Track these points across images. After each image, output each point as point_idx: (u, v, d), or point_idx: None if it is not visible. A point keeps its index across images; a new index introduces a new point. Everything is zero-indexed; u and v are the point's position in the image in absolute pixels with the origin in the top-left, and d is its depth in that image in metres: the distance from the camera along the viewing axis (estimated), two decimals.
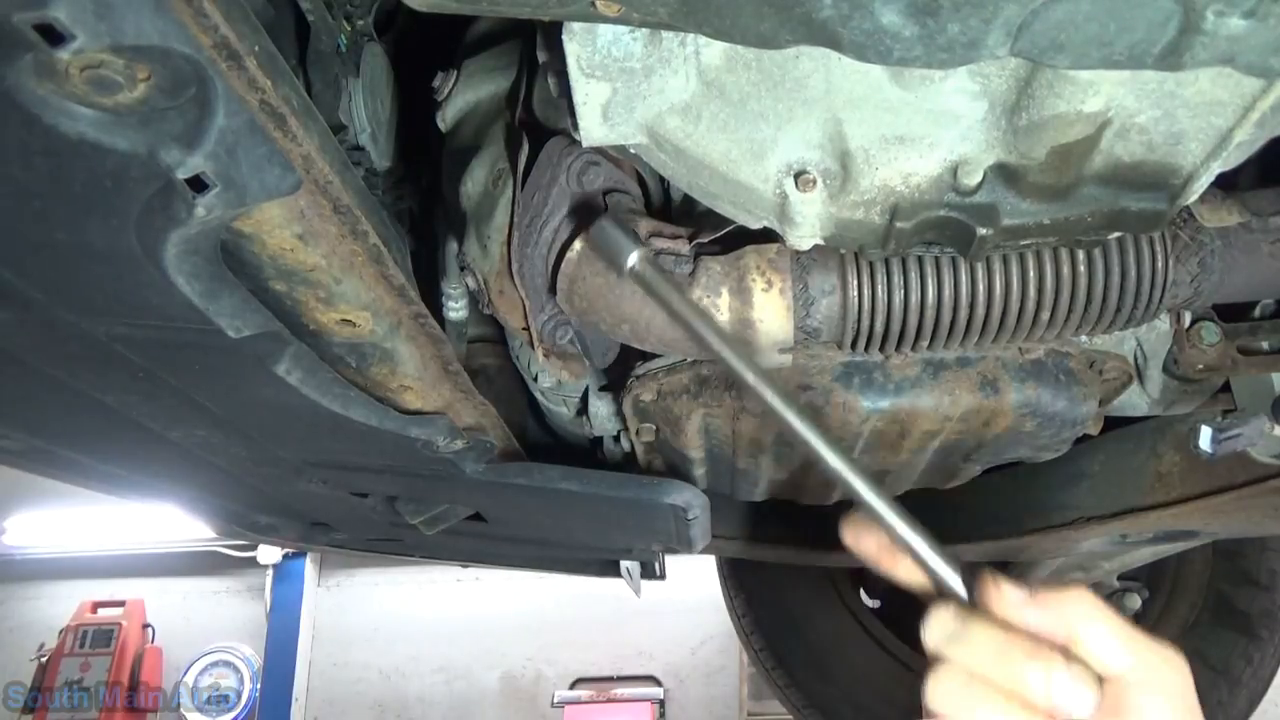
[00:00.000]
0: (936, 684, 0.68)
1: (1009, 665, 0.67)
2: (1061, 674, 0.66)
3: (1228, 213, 0.96)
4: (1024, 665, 0.66)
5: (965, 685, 0.67)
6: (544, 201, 0.95)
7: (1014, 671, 0.66)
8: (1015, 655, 0.67)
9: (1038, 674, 0.66)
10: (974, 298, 0.92)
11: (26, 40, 0.47)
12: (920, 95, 0.73)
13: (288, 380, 0.84)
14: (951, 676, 0.68)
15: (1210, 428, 1.11)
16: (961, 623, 0.70)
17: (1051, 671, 0.66)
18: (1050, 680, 0.66)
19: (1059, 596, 0.69)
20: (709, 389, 1.14)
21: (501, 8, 0.62)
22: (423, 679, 6.90)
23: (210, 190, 0.57)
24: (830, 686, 2.91)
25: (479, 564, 3.90)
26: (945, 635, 0.70)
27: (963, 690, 0.67)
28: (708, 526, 1.34)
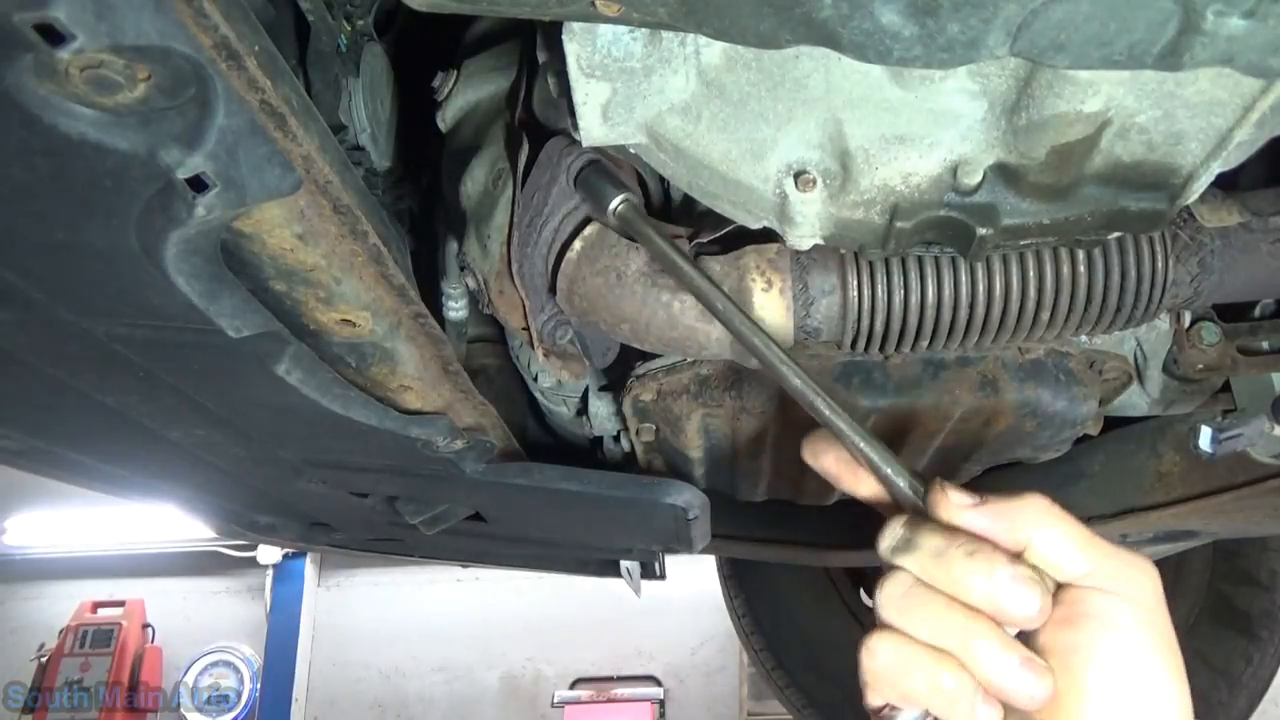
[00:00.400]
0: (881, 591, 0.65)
1: (950, 568, 0.63)
2: (1004, 572, 0.62)
3: (1228, 213, 0.96)
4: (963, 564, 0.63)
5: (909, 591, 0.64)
6: (544, 201, 0.95)
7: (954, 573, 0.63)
8: (955, 556, 0.63)
9: (978, 575, 0.62)
10: (974, 298, 0.92)
11: (26, 40, 0.47)
12: (920, 95, 0.73)
13: (288, 380, 0.85)
14: (897, 583, 0.65)
15: (1210, 428, 1.11)
16: (911, 529, 0.67)
17: (993, 572, 0.62)
18: (992, 581, 0.62)
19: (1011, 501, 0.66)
20: (709, 389, 1.14)
21: (501, 8, 0.62)
22: (423, 679, 6.90)
23: (210, 190, 0.57)
24: (830, 687, 2.91)
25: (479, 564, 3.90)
26: (893, 543, 0.67)
27: (906, 596, 0.64)
28: (708, 526, 1.34)
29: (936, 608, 0.63)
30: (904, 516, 0.69)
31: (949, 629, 0.62)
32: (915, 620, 0.63)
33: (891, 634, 0.64)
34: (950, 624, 0.62)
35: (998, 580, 0.62)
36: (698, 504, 1.27)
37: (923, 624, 0.63)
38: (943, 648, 0.62)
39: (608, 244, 0.94)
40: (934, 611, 0.63)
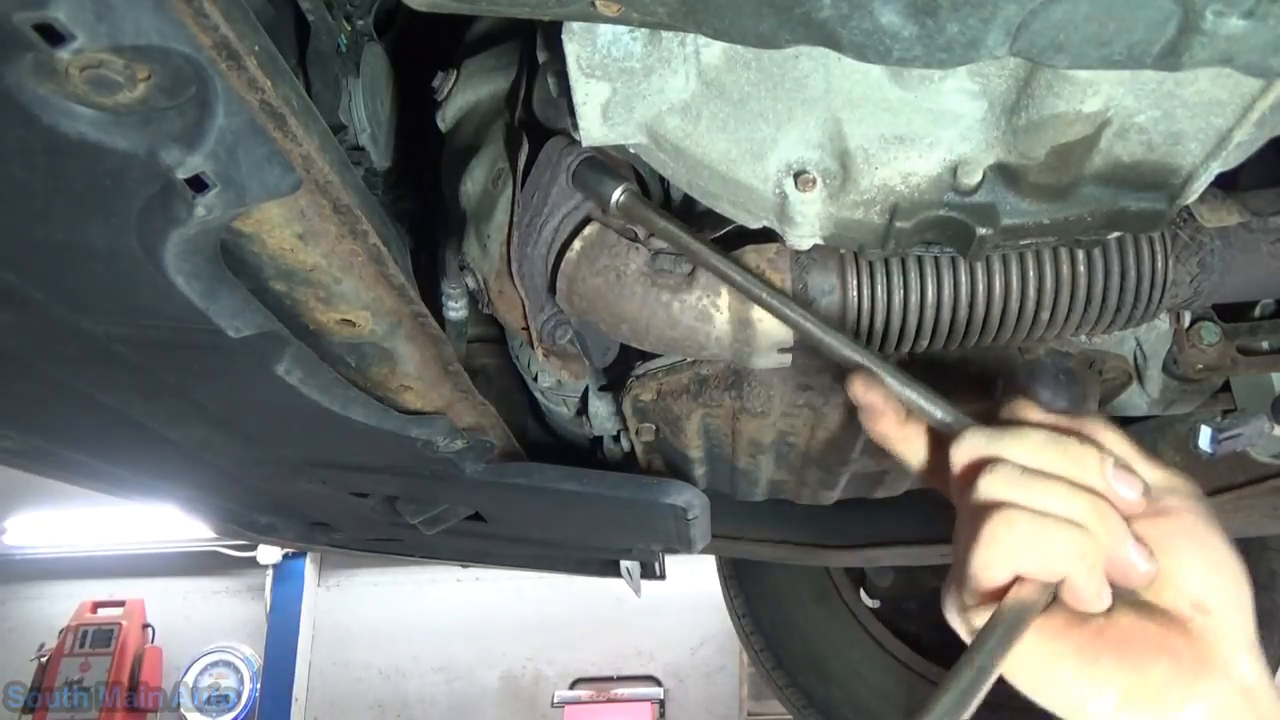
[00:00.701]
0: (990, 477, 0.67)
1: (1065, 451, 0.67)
2: (1111, 461, 0.67)
3: (1228, 213, 0.96)
4: (1080, 450, 0.67)
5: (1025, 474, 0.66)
6: (544, 201, 0.95)
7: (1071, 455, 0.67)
8: (1070, 443, 0.68)
9: (1092, 457, 0.67)
10: (973, 298, 0.92)
11: (26, 40, 0.47)
12: (920, 95, 0.73)
13: (288, 380, 0.85)
14: (1004, 470, 0.67)
15: (1210, 428, 1.11)
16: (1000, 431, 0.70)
17: (1105, 459, 0.67)
18: (1104, 466, 0.67)
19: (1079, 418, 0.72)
20: (709, 389, 1.14)
21: (501, 8, 0.62)
22: (423, 679, 6.90)
23: (210, 190, 0.57)
24: (830, 686, 2.91)
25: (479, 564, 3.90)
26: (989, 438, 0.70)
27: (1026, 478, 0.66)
28: (708, 526, 1.34)
29: (1064, 485, 0.66)
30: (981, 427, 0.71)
31: (1083, 504, 0.65)
32: (1047, 496, 0.65)
33: (1023, 509, 0.65)
34: (1082, 500, 0.65)
35: (1109, 466, 0.67)
36: (698, 504, 1.27)
37: (1056, 499, 0.65)
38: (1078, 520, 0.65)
39: (608, 244, 0.94)
40: (1063, 488, 0.66)
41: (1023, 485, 0.66)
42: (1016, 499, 0.66)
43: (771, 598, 2.99)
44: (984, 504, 0.67)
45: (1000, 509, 0.66)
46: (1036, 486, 0.66)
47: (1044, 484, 0.66)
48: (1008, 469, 0.67)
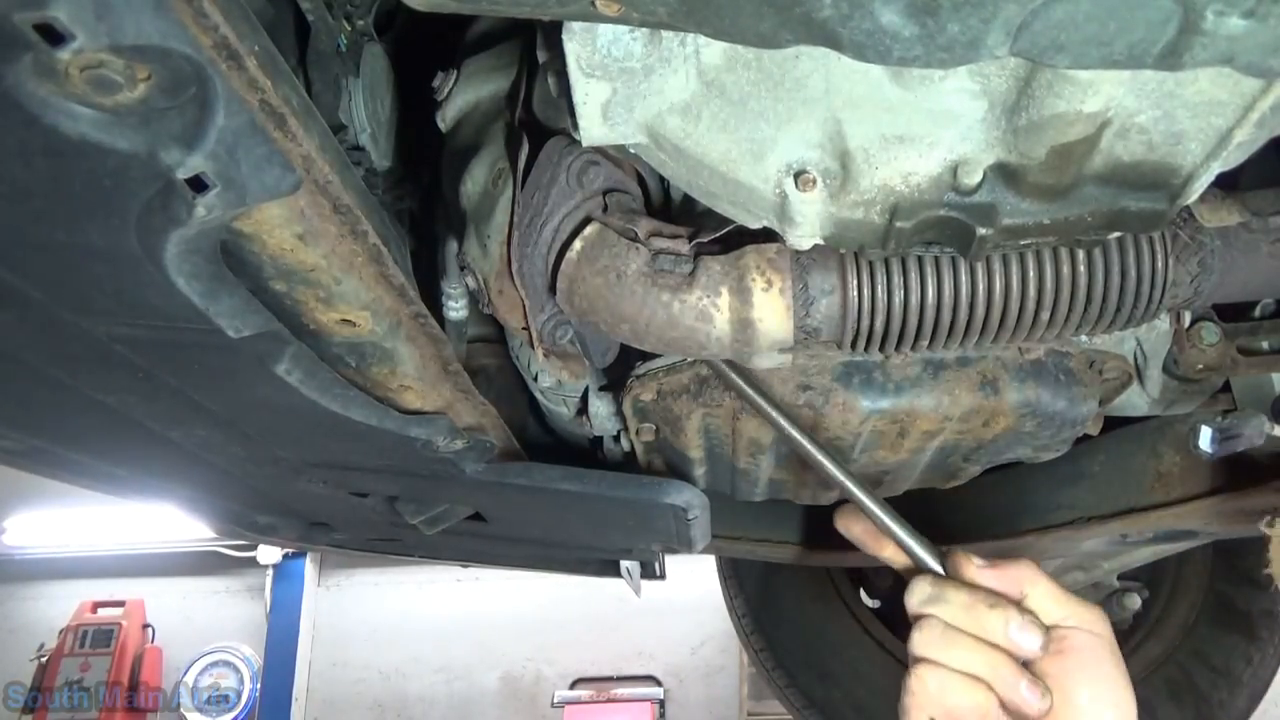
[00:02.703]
0: (920, 635, 0.86)
1: (976, 615, 0.85)
2: (1016, 619, 0.85)
3: (1228, 213, 0.96)
4: (987, 614, 0.85)
5: (943, 634, 0.85)
6: (544, 201, 0.95)
7: (980, 619, 0.85)
8: (980, 608, 0.85)
9: (998, 620, 0.84)
10: (974, 298, 0.92)
11: (26, 40, 0.47)
12: (920, 95, 0.73)
13: (288, 380, 0.85)
14: (931, 628, 0.85)
15: (1210, 428, 1.11)
16: (938, 587, 0.88)
17: (1009, 618, 0.84)
18: (1008, 624, 0.84)
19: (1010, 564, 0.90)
20: (709, 389, 1.14)
21: (501, 8, 0.62)
22: (423, 679, 6.90)
23: (210, 190, 0.57)
24: (830, 686, 2.91)
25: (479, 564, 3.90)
26: (924, 598, 0.88)
27: (941, 638, 0.85)
28: (708, 526, 1.34)
29: (968, 645, 0.84)
30: (928, 577, 0.90)
31: (980, 661, 0.83)
32: (952, 655, 0.84)
33: (934, 666, 0.84)
34: (980, 657, 0.83)
35: (1013, 626, 0.84)
36: (698, 504, 1.27)
37: (958, 658, 0.84)
38: (975, 674, 0.83)
39: (608, 244, 0.94)
40: (966, 648, 0.84)
41: (939, 645, 0.85)
42: (932, 655, 0.84)
43: (771, 598, 2.99)
44: (912, 656, 0.86)
45: (919, 664, 0.85)
46: (948, 646, 0.84)
47: (955, 644, 0.84)
48: (931, 627, 0.86)
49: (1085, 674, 0.84)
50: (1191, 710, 2.67)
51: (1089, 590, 2.63)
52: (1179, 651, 2.73)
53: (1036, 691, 0.83)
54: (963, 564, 0.91)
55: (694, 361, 1.14)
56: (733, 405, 1.14)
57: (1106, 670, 0.85)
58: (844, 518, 1.02)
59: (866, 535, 0.99)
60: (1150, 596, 2.79)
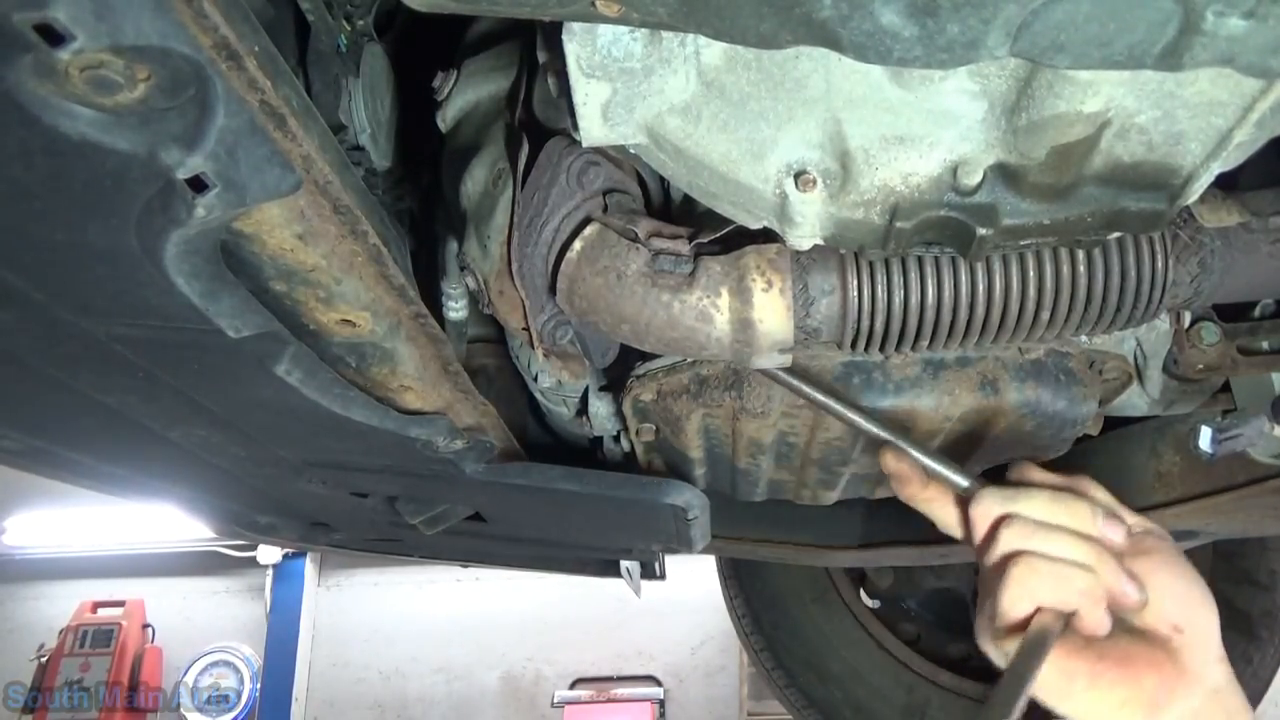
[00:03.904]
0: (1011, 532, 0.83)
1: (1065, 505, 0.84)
2: (1101, 509, 0.84)
3: (1228, 213, 0.96)
4: (1075, 504, 0.84)
5: (1033, 527, 0.82)
6: (544, 201, 0.95)
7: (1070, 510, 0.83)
8: (1066, 498, 0.85)
9: (1086, 510, 0.83)
10: (974, 298, 0.92)
11: (26, 40, 0.47)
12: (920, 95, 0.73)
13: (288, 380, 0.84)
14: (1022, 523, 0.83)
15: (1210, 428, 1.11)
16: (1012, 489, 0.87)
17: (1095, 509, 0.84)
18: (1095, 516, 0.83)
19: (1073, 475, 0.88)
20: (709, 389, 1.14)
21: (501, 8, 0.62)
22: (423, 679, 6.90)
23: (210, 190, 0.57)
24: (830, 686, 2.91)
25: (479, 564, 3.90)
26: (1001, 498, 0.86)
27: (1037, 530, 0.82)
28: (708, 526, 1.34)
29: (1066, 534, 0.82)
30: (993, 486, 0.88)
31: (1085, 549, 0.81)
32: (1054, 543, 0.81)
33: (1038, 556, 0.81)
34: (1084, 546, 0.81)
35: (1099, 516, 0.83)
36: (698, 504, 1.27)
37: (1060, 546, 0.81)
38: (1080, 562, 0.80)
39: (608, 244, 0.94)
40: (1068, 538, 0.82)
41: (1037, 536, 0.82)
42: (1033, 547, 0.81)
43: (771, 598, 2.99)
44: (1007, 554, 0.82)
45: (1022, 556, 0.81)
46: (1048, 537, 0.82)
47: (1054, 535, 0.82)
48: (1022, 523, 0.83)
49: (1169, 573, 0.83)
50: None
51: None
52: None
53: (1135, 583, 0.81)
54: (1029, 469, 0.90)
55: (694, 361, 1.14)
56: (733, 405, 1.14)
57: (1187, 570, 0.84)
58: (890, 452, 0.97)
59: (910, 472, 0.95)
60: None
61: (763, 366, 1.02)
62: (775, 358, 0.99)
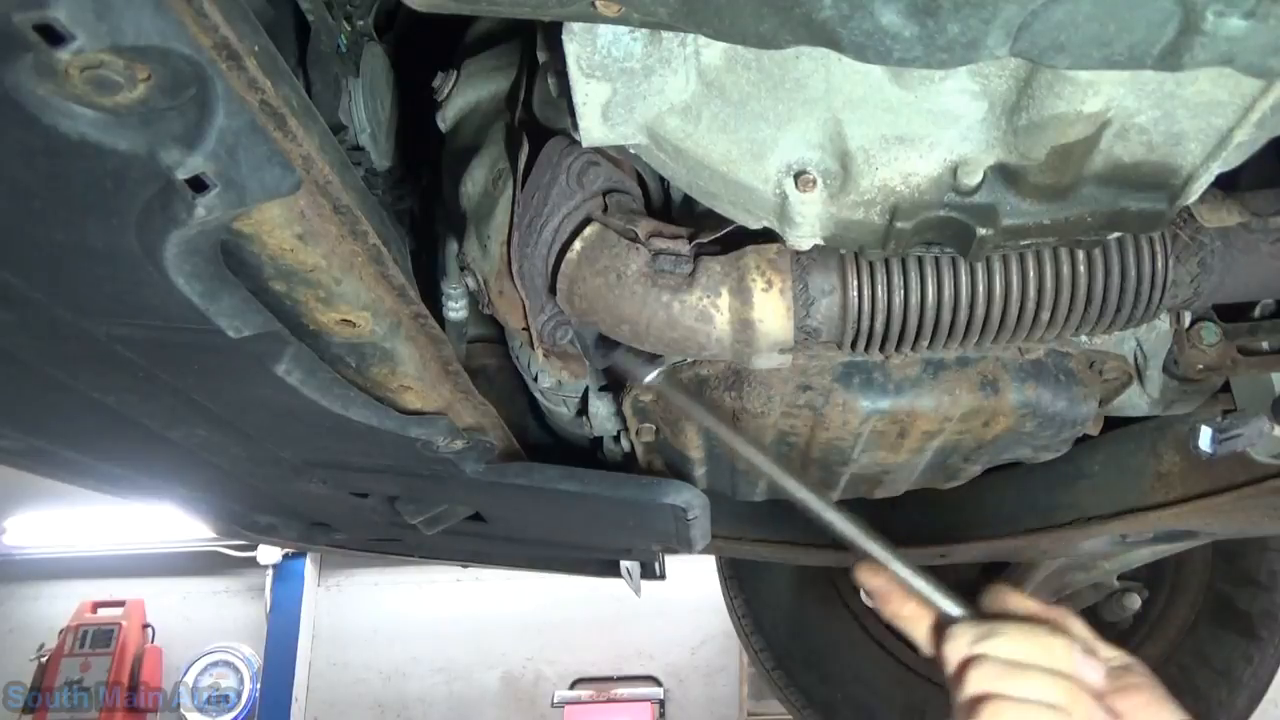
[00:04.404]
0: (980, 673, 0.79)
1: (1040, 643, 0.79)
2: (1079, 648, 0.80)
3: (1228, 213, 0.96)
4: (1052, 641, 0.79)
5: (1006, 667, 0.78)
6: (544, 201, 0.95)
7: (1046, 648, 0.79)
8: (1042, 635, 0.80)
9: (1063, 648, 0.79)
10: (974, 298, 0.92)
11: (26, 40, 0.47)
12: (920, 95, 0.73)
13: (288, 380, 0.84)
14: (991, 664, 0.79)
15: (1210, 428, 1.11)
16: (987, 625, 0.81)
17: (1072, 646, 0.79)
18: (1073, 652, 0.79)
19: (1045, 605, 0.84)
20: (709, 389, 1.14)
21: (501, 8, 0.62)
22: (423, 679, 6.90)
23: (210, 190, 0.57)
24: (830, 686, 2.91)
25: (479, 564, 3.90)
26: (974, 636, 0.81)
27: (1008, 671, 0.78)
28: (708, 526, 1.34)
29: (1040, 675, 0.77)
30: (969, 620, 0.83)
31: (1058, 690, 0.77)
32: (1027, 687, 0.77)
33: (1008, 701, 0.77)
34: (1057, 686, 0.77)
35: (1076, 652, 0.79)
36: (698, 504, 1.26)
37: (1034, 689, 0.77)
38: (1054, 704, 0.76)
39: (608, 244, 0.94)
40: (1040, 678, 0.77)
41: (1006, 678, 0.78)
42: (1002, 690, 0.77)
43: (771, 598, 2.99)
44: (974, 697, 0.78)
45: (990, 701, 0.77)
46: (1019, 678, 0.77)
47: (1025, 675, 0.78)
48: (992, 664, 0.79)
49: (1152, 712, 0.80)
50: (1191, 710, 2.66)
51: (1089, 590, 2.63)
52: (1179, 651, 2.73)
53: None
54: (1004, 596, 0.85)
55: (694, 362, 1.14)
56: (732, 406, 1.14)
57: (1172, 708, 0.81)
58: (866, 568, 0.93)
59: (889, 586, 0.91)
60: (1150, 596, 2.79)
61: (763, 366, 1.02)
62: (775, 358, 0.99)
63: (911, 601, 0.89)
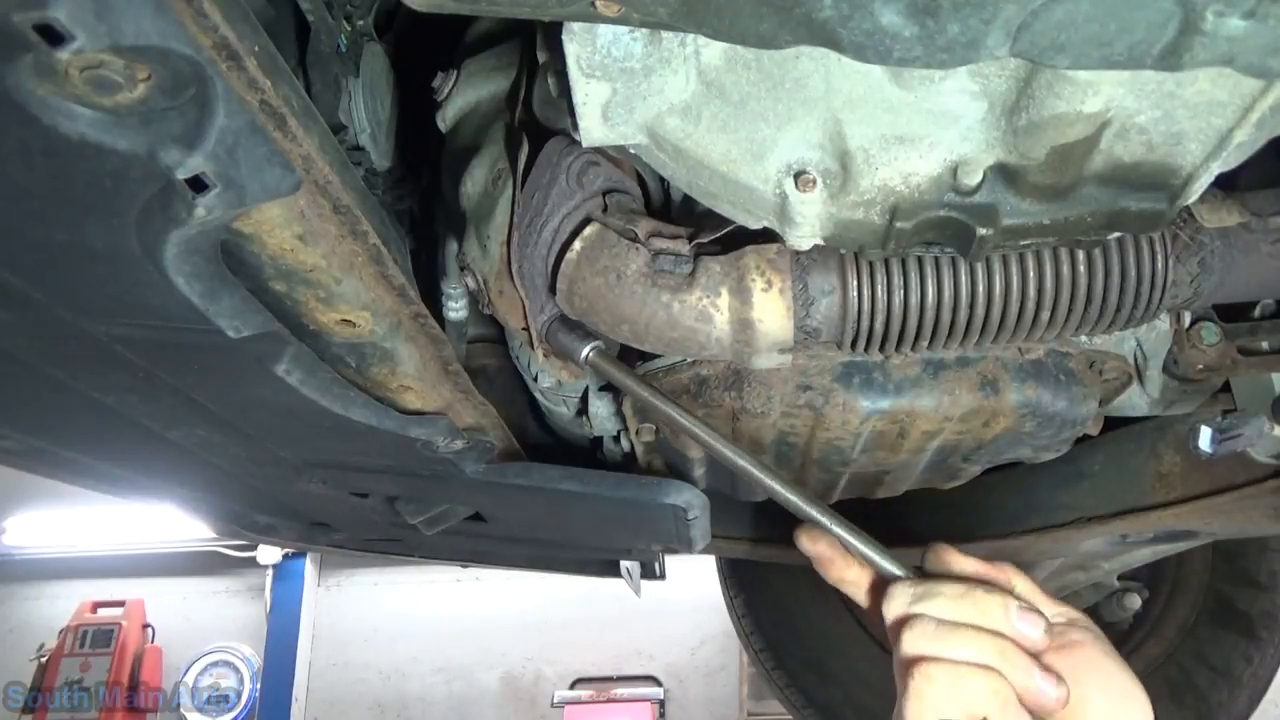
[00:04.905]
0: (912, 634, 0.78)
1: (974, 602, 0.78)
2: (1015, 604, 0.78)
3: (1228, 213, 0.96)
4: (986, 599, 0.78)
5: (939, 627, 0.77)
6: (544, 201, 0.95)
7: (979, 606, 0.77)
8: (977, 593, 0.78)
9: (998, 605, 0.77)
10: (974, 298, 0.92)
11: (26, 40, 0.47)
12: (920, 95, 0.73)
13: (288, 380, 0.84)
14: (924, 624, 0.78)
15: (1210, 428, 1.11)
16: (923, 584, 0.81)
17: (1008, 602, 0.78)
18: (1008, 609, 0.77)
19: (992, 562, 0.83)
20: (709, 389, 1.14)
21: (501, 8, 0.62)
22: (423, 679, 6.90)
23: (210, 190, 0.57)
24: (830, 686, 2.91)
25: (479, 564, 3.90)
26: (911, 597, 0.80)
27: (939, 631, 0.77)
28: (708, 526, 1.34)
29: (972, 634, 0.76)
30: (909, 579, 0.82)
31: (988, 649, 0.75)
32: (957, 647, 0.76)
33: (939, 662, 0.76)
34: (988, 645, 0.76)
35: (1013, 611, 0.77)
36: (698, 504, 1.26)
37: (965, 648, 0.76)
38: (986, 664, 0.75)
39: (608, 244, 0.94)
40: (971, 637, 0.76)
41: (937, 639, 0.77)
42: (933, 652, 0.76)
43: (771, 598, 2.99)
44: (907, 659, 0.78)
45: (920, 664, 0.77)
46: (950, 638, 0.76)
47: (956, 635, 0.76)
48: (924, 624, 0.78)
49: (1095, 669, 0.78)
50: (1191, 710, 2.67)
51: (1089, 590, 2.63)
52: (1179, 651, 2.73)
53: (1052, 679, 0.75)
54: (945, 555, 0.84)
55: (694, 361, 1.14)
56: (733, 405, 1.14)
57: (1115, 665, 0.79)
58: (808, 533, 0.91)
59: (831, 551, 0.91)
60: (1150, 596, 2.79)
61: (763, 366, 1.02)
62: (775, 358, 0.99)
63: (854, 565, 0.89)
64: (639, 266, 0.93)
